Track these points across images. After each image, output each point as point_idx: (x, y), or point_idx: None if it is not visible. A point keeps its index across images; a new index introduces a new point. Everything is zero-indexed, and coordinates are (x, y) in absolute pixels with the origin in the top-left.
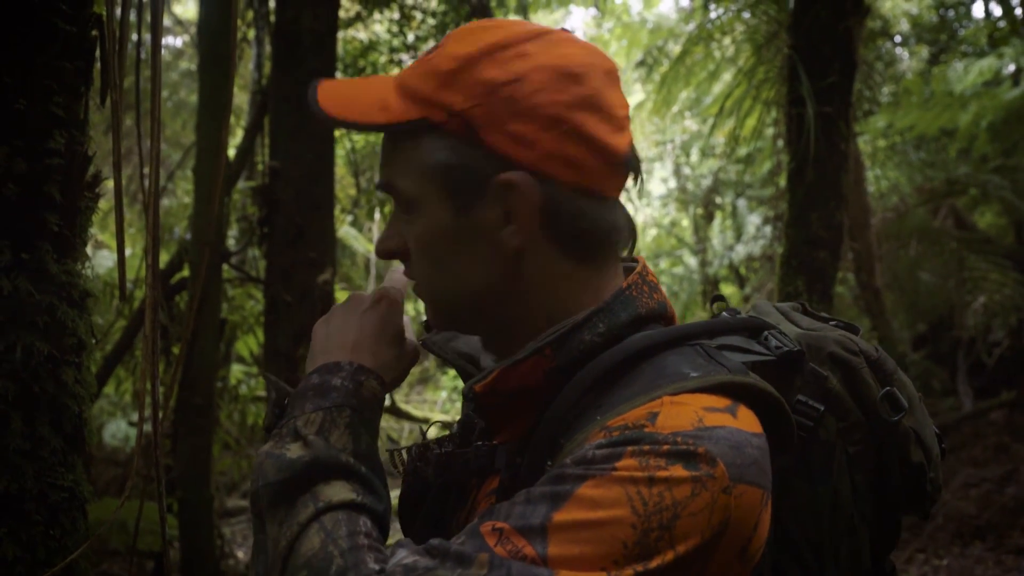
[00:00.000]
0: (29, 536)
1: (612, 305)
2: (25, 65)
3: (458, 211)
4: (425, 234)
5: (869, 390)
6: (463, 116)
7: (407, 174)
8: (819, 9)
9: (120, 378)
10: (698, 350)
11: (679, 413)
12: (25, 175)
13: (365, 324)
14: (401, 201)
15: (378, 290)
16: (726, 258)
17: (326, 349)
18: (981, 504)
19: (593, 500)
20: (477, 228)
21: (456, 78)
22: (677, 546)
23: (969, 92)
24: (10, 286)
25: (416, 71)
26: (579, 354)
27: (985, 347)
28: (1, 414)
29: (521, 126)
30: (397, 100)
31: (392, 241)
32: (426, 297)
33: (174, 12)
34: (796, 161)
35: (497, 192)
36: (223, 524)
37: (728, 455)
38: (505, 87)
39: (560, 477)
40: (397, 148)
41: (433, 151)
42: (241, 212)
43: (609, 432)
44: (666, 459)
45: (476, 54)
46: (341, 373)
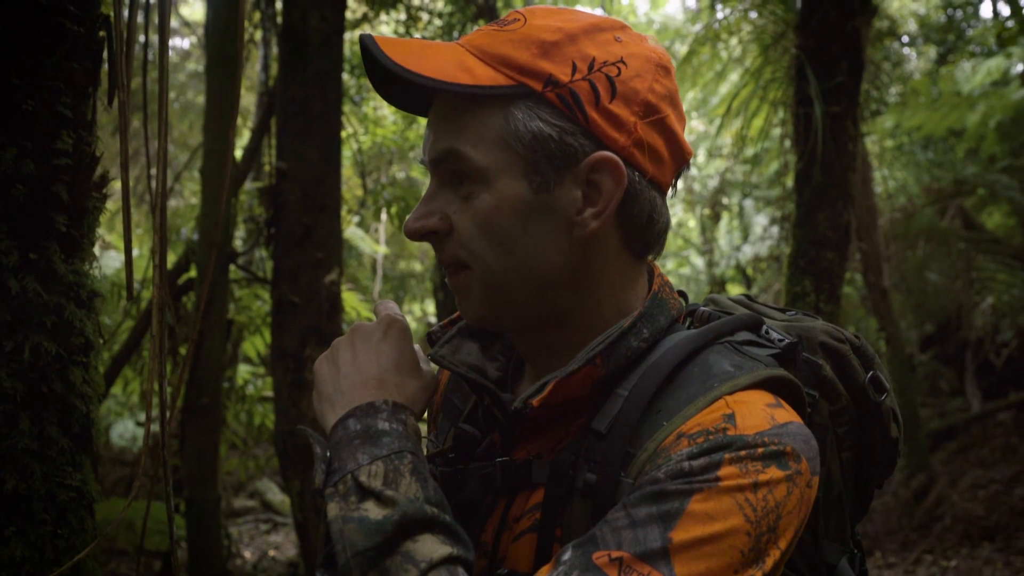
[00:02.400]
0: (37, 535)
1: (651, 310)
2: (33, 66)
3: (538, 187)
4: (494, 209)
5: (856, 374)
6: (567, 88)
7: (481, 142)
8: (827, 9)
9: (127, 378)
10: (728, 347)
11: (750, 412)
12: (33, 175)
13: (383, 357)
14: (466, 172)
15: (383, 318)
16: (733, 259)
17: (344, 389)
18: (989, 505)
19: (707, 514)
20: (554, 207)
21: (559, 49)
22: (780, 542)
23: (977, 92)
24: (18, 286)
25: (501, 38)
26: (625, 361)
27: (993, 348)
28: (9, 414)
29: (620, 108)
30: (479, 64)
31: (433, 219)
32: (479, 281)
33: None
34: (804, 161)
35: (586, 171)
36: (230, 524)
37: (804, 450)
38: (608, 66)
39: (662, 495)
40: (470, 115)
41: (525, 120)
42: (248, 213)
43: (692, 440)
44: (762, 462)
45: (576, 30)
46: (381, 414)
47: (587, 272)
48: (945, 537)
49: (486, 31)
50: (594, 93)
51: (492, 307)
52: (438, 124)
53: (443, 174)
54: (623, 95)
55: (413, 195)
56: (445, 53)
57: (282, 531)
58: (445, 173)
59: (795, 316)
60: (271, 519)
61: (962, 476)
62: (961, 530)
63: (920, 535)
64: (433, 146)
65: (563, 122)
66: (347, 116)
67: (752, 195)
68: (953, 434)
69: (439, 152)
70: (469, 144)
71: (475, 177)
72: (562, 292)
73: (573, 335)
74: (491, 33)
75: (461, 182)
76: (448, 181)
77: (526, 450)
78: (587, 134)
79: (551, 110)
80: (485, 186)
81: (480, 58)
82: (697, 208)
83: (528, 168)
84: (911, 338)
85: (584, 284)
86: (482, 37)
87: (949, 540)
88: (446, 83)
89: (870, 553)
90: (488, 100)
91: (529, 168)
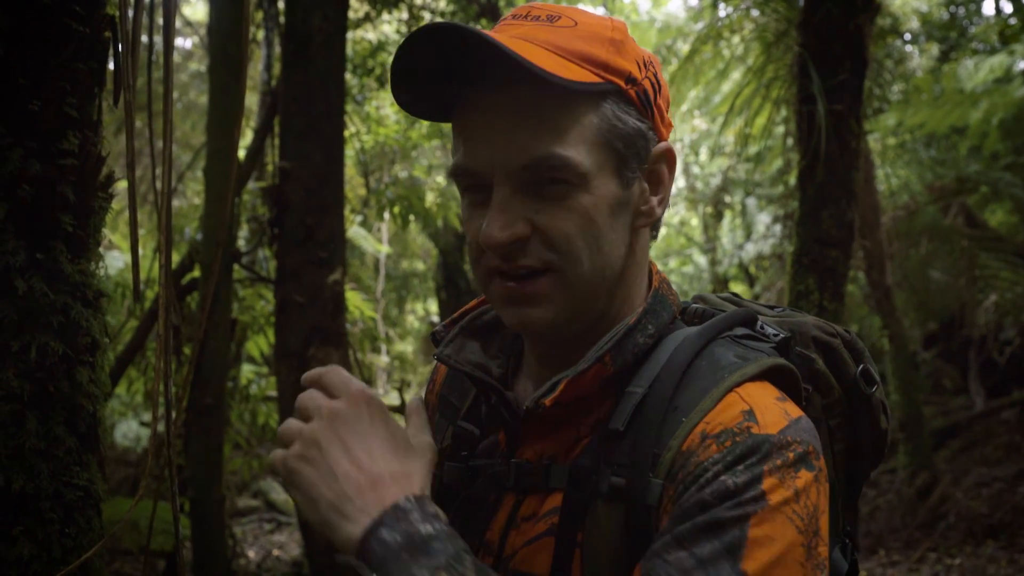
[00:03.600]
0: (45, 534)
1: (654, 306)
2: (39, 66)
3: (627, 183)
4: (593, 209)
5: (848, 368)
6: (642, 85)
7: (582, 143)
8: (830, 6)
9: (131, 378)
10: (729, 341)
11: (767, 407)
12: (39, 176)
13: (378, 445)
14: (564, 174)
15: (354, 396)
16: (736, 257)
17: (351, 492)
18: (993, 503)
19: (769, 538)
20: (629, 201)
21: (626, 47)
22: (824, 540)
23: (980, 89)
24: (25, 286)
25: (569, 35)
26: (632, 358)
27: (996, 345)
28: (17, 413)
29: (663, 102)
30: (562, 62)
31: (519, 225)
32: (566, 284)
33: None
34: (807, 159)
35: (652, 163)
36: (234, 524)
37: (816, 444)
38: (650, 65)
39: (718, 525)
40: (564, 113)
41: (622, 118)
42: (251, 213)
43: (720, 444)
44: (795, 468)
45: (623, 29)
46: (413, 515)
47: (631, 264)
48: (949, 535)
49: (536, 26)
50: (654, 89)
51: (573, 310)
52: (518, 126)
53: (525, 179)
54: (662, 91)
55: (416, 194)
56: (526, 47)
57: (286, 530)
58: (527, 179)
59: (784, 312)
60: (275, 519)
61: (966, 474)
62: (965, 528)
63: (924, 533)
64: (521, 151)
65: (644, 119)
66: (350, 116)
67: (755, 193)
68: (957, 432)
69: (536, 157)
70: (571, 147)
71: (574, 180)
72: (620, 286)
73: (591, 332)
74: (551, 29)
75: (553, 184)
76: (529, 184)
77: (533, 449)
78: (653, 128)
79: (633, 107)
80: (583, 187)
81: (559, 54)
82: (700, 206)
83: (620, 165)
84: (914, 336)
85: (624, 278)
86: (545, 32)
87: (953, 538)
88: (561, 78)
89: (874, 551)
90: (581, 98)
91: (622, 165)
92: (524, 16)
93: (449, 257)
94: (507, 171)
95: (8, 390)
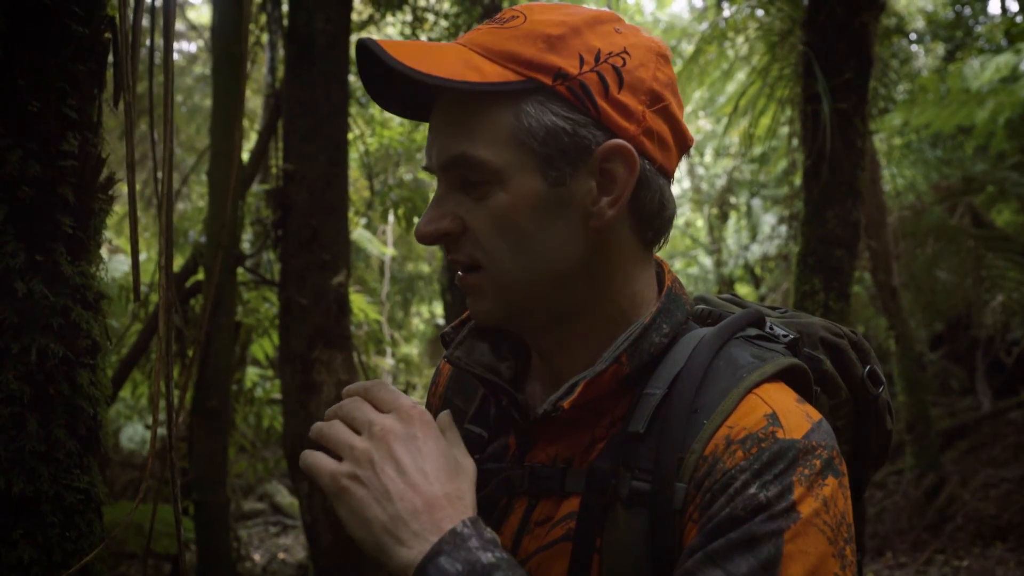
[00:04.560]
0: (45, 538)
1: (668, 305)
2: (38, 67)
3: (553, 181)
4: (510, 208)
5: (855, 369)
6: (576, 80)
7: (493, 142)
8: (834, 5)
9: (136, 382)
10: (743, 341)
11: (789, 410)
12: (39, 177)
13: (431, 465)
14: (479, 174)
15: (405, 411)
16: (741, 258)
17: (404, 514)
18: (1001, 504)
19: (802, 552)
20: (570, 200)
21: (565, 43)
22: (851, 543)
23: (986, 89)
24: (25, 288)
25: (504, 35)
26: (648, 358)
27: (1003, 346)
28: (17, 416)
29: (627, 97)
30: (485, 62)
31: (445, 221)
32: (492, 280)
33: (188, 17)
34: (812, 159)
35: (599, 161)
36: (239, 527)
37: (836, 447)
38: (613, 57)
39: (752, 540)
40: (480, 115)
41: (539, 115)
42: (255, 215)
43: (745, 451)
44: (821, 475)
45: (579, 23)
46: (472, 541)
47: (602, 263)
48: (957, 537)
49: (486, 29)
50: (603, 84)
51: (505, 306)
52: (444, 127)
53: (452, 178)
54: (630, 85)
55: (420, 196)
56: (450, 53)
57: (291, 533)
58: (454, 177)
59: (788, 313)
60: (280, 521)
61: (973, 475)
62: (973, 529)
63: (932, 535)
64: (441, 151)
65: (575, 114)
66: (353, 118)
67: (760, 194)
68: (964, 433)
69: (449, 157)
70: (481, 146)
71: (489, 178)
72: (578, 286)
73: (591, 328)
74: (492, 31)
75: (474, 184)
76: (457, 184)
77: (545, 452)
78: (598, 125)
79: (562, 103)
80: (500, 186)
81: (485, 56)
82: (705, 207)
83: (543, 163)
84: (921, 337)
85: (600, 276)
86: (484, 35)
87: (961, 540)
88: (457, 82)
89: (881, 553)
90: (498, 98)
91: (544, 163)
92: (495, 19)
93: None
94: (438, 170)
95: (8, 392)
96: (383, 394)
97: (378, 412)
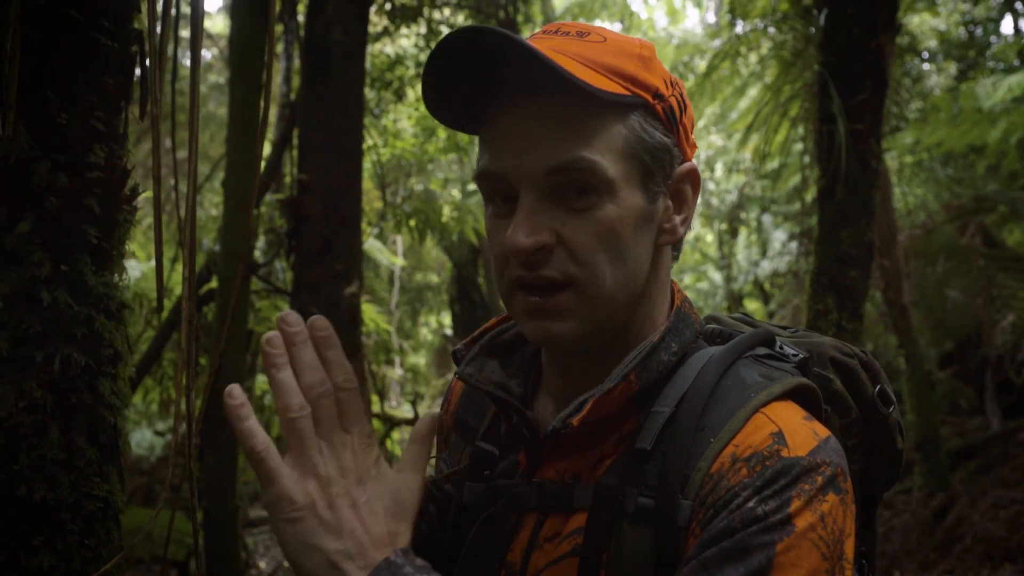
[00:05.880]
0: (65, 545)
1: (677, 324)
2: (68, 80)
3: (652, 197)
4: (618, 220)
5: (865, 388)
6: (668, 102)
7: (610, 151)
8: (851, 26)
9: (147, 388)
10: (752, 360)
11: (795, 429)
12: (66, 188)
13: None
14: (591, 182)
15: (363, 446)
16: (751, 274)
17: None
18: (1010, 526)
19: (793, 563)
20: (655, 217)
21: (652, 65)
22: (848, 563)
23: (998, 108)
24: (49, 298)
25: (598, 49)
26: (657, 376)
27: (1013, 366)
28: (39, 424)
29: (687, 121)
30: (592, 73)
31: (545, 233)
32: (587, 298)
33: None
34: (826, 178)
35: (676, 181)
36: (246, 534)
37: (843, 464)
38: (676, 85)
39: (745, 550)
40: (595, 123)
41: (649, 130)
42: (269, 224)
43: (750, 469)
44: (822, 491)
45: (651, 48)
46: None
47: (652, 280)
48: (965, 558)
49: (567, 40)
50: (680, 107)
51: (594, 325)
52: (550, 132)
53: (553, 186)
54: (686, 110)
55: (432, 208)
56: (558, 57)
57: None
58: (556, 185)
59: (798, 333)
60: None
61: (983, 496)
62: (982, 551)
63: (940, 555)
64: (550, 154)
65: (669, 134)
66: (367, 129)
67: (771, 210)
68: (973, 453)
69: (563, 160)
70: (599, 153)
71: (600, 188)
72: (640, 303)
73: (613, 348)
74: (579, 43)
75: (580, 193)
76: (557, 192)
77: (555, 469)
78: (678, 145)
79: (658, 122)
80: (610, 197)
81: (588, 66)
82: (715, 223)
83: (647, 178)
84: (931, 356)
85: (649, 293)
86: (574, 45)
87: (969, 561)
88: (593, 87)
89: (889, 573)
90: (610, 107)
91: (647, 178)
92: (554, 32)
93: (463, 270)
94: (533, 176)
95: (31, 400)
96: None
97: (342, 442)
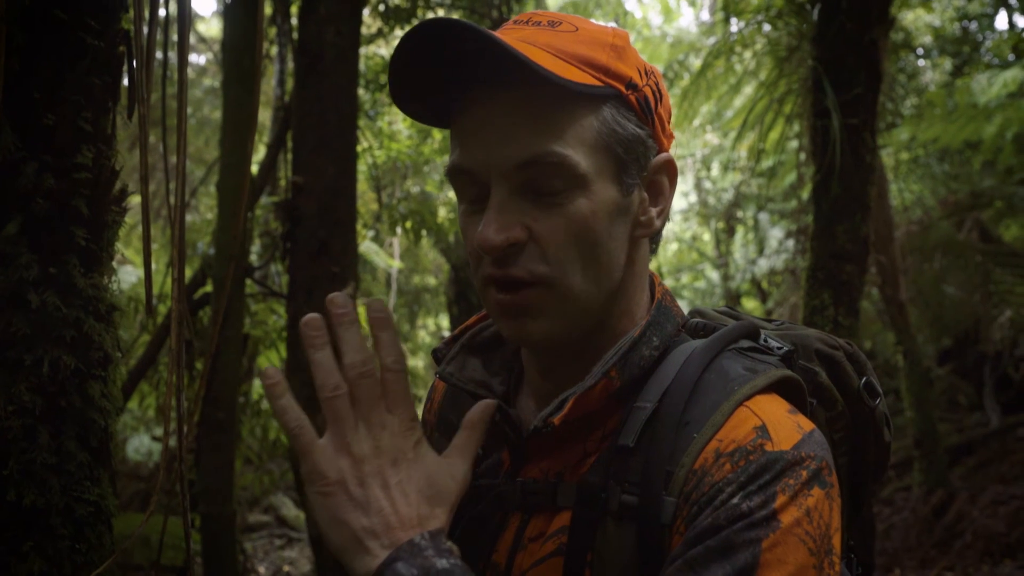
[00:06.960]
0: (55, 550)
1: (658, 317)
2: (54, 80)
3: (626, 189)
4: (591, 215)
5: (851, 380)
6: (643, 92)
7: (581, 144)
8: (844, 20)
9: (143, 393)
10: (736, 353)
11: (779, 422)
12: (54, 190)
13: (413, 488)
14: (562, 176)
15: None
16: (748, 272)
17: (377, 531)
18: (1010, 521)
19: (779, 560)
20: (630, 210)
21: (626, 54)
22: (835, 556)
23: (993, 104)
24: (38, 300)
25: (569, 39)
26: (639, 371)
27: (1011, 362)
28: (28, 428)
29: (663, 111)
30: (560, 63)
31: (516, 229)
32: (558, 296)
33: (198, 30)
34: (821, 174)
35: (652, 172)
36: (244, 539)
37: (828, 458)
38: (651, 75)
39: (730, 547)
40: (565, 115)
41: (621, 122)
42: (264, 227)
43: (733, 463)
44: (807, 486)
45: (625, 37)
46: (428, 551)
47: (630, 275)
48: (965, 554)
49: (538, 30)
50: (655, 98)
51: (568, 322)
52: (518, 125)
53: (523, 180)
54: (662, 99)
55: (428, 209)
56: (528, 48)
57: (297, 546)
58: (527, 179)
59: (784, 325)
60: (286, 534)
61: (982, 492)
62: (981, 547)
63: (940, 552)
64: (519, 149)
65: (643, 125)
66: (362, 131)
67: (767, 208)
68: (972, 449)
69: (532, 155)
70: (570, 146)
71: (572, 182)
72: (616, 298)
73: (592, 344)
74: (550, 32)
75: (551, 188)
76: (527, 187)
77: (538, 467)
78: (653, 136)
79: (632, 113)
80: (582, 191)
81: (558, 56)
82: (712, 221)
83: (620, 170)
84: (928, 352)
85: (623, 289)
86: (544, 35)
87: (969, 557)
88: (561, 78)
89: (889, 570)
90: (582, 99)
91: (621, 171)
92: (525, 22)
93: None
94: (503, 171)
95: (20, 404)
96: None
97: (382, 418)
